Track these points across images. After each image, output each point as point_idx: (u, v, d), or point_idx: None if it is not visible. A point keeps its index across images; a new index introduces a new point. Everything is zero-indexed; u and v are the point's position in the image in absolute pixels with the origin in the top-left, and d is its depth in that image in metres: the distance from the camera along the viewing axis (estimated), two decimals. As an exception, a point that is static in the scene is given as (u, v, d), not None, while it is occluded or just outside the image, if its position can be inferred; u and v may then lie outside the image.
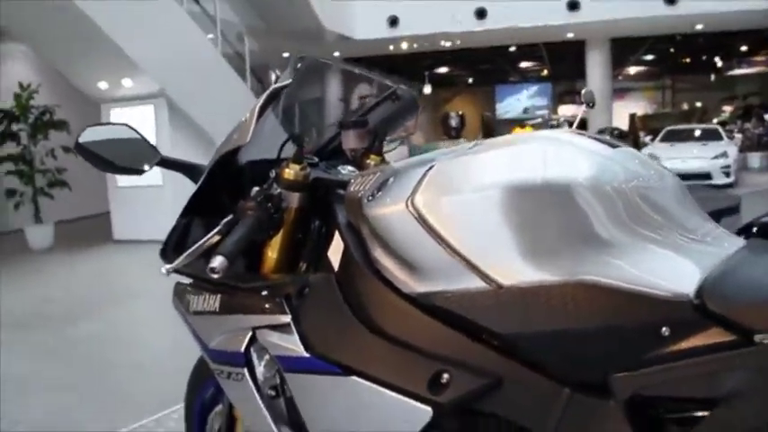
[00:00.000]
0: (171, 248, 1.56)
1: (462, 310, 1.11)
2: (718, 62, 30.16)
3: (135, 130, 1.64)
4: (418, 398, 1.12)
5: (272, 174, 1.42)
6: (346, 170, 1.55)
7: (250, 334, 1.40)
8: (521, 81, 34.43)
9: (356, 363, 1.20)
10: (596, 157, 1.14)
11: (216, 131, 8.59)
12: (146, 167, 1.63)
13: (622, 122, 21.63)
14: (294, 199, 1.43)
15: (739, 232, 1.25)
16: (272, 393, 1.41)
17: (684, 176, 10.72)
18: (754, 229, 1.43)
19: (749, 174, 16.26)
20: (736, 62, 29.85)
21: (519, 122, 26.57)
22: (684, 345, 0.99)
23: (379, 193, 1.21)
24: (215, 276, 1.22)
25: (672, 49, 26.04)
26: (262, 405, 1.40)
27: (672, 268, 1.04)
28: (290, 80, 1.48)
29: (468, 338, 1.11)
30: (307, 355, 1.27)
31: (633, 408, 1.02)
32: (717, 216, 3.18)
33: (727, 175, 13.83)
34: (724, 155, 14.09)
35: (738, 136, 19.28)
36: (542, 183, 1.08)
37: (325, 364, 1.24)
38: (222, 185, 1.54)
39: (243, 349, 1.41)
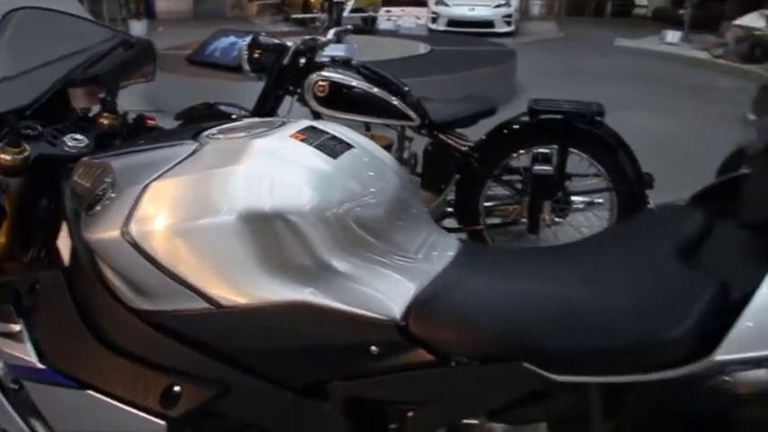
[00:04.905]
0: None
1: (187, 328, 1.16)
2: None
3: None
4: (151, 412, 1.18)
5: None
6: (74, 140, 1.44)
7: None
8: None
9: (91, 377, 1.23)
10: (318, 178, 1.16)
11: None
12: None
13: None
14: (15, 183, 1.33)
15: (692, 200, 1.28)
16: (16, 387, 1.38)
17: (470, 24, 10.94)
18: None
19: (530, 22, 17.04)
20: None
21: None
22: (391, 362, 1.11)
23: (98, 207, 1.19)
24: None
25: None
26: (4, 399, 1.39)
27: (383, 291, 1.13)
28: None
29: (197, 352, 1.16)
30: (42, 366, 1.26)
31: (350, 408, 1.15)
32: (474, 118, 3.39)
33: (509, 24, 14.44)
34: (507, 3, 14.60)
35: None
36: (263, 211, 1.11)
37: (61, 376, 1.25)
38: None
39: None
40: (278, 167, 1.16)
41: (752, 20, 10.78)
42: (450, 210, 3.43)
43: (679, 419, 1.15)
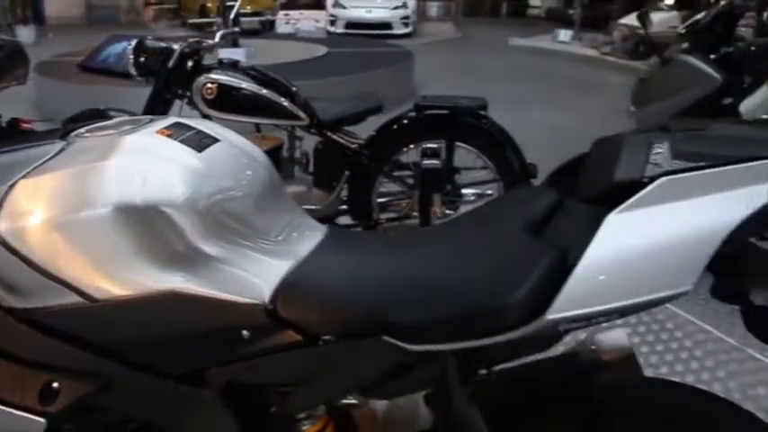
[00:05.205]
0: None
1: (63, 324, 1.17)
2: None
3: None
4: (30, 410, 1.19)
5: None
6: None
7: None
8: None
9: None
10: (184, 170, 1.19)
11: None
12: None
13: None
14: None
15: (548, 179, 1.34)
16: None
17: (368, 26, 11.07)
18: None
19: (428, 23, 17.33)
20: None
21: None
22: (263, 345, 1.15)
23: None
24: None
25: None
26: None
27: (251, 276, 1.17)
28: None
29: (74, 348, 1.18)
30: None
31: (229, 394, 1.19)
32: (361, 116, 3.46)
33: (407, 25, 14.69)
34: (404, 5, 14.84)
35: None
36: (134, 204, 1.13)
37: None
38: None
39: None
40: (146, 162, 1.19)
41: (635, 19, 11.33)
42: (344, 207, 3.49)
43: (533, 382, 1.25)
